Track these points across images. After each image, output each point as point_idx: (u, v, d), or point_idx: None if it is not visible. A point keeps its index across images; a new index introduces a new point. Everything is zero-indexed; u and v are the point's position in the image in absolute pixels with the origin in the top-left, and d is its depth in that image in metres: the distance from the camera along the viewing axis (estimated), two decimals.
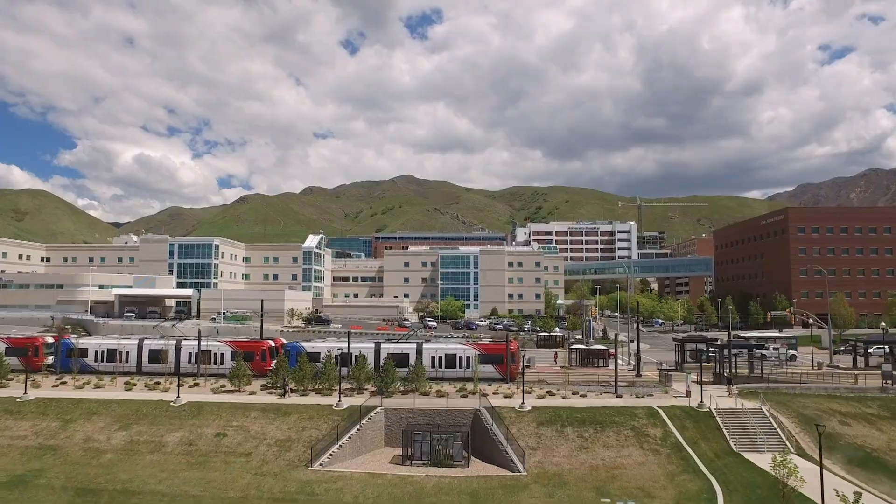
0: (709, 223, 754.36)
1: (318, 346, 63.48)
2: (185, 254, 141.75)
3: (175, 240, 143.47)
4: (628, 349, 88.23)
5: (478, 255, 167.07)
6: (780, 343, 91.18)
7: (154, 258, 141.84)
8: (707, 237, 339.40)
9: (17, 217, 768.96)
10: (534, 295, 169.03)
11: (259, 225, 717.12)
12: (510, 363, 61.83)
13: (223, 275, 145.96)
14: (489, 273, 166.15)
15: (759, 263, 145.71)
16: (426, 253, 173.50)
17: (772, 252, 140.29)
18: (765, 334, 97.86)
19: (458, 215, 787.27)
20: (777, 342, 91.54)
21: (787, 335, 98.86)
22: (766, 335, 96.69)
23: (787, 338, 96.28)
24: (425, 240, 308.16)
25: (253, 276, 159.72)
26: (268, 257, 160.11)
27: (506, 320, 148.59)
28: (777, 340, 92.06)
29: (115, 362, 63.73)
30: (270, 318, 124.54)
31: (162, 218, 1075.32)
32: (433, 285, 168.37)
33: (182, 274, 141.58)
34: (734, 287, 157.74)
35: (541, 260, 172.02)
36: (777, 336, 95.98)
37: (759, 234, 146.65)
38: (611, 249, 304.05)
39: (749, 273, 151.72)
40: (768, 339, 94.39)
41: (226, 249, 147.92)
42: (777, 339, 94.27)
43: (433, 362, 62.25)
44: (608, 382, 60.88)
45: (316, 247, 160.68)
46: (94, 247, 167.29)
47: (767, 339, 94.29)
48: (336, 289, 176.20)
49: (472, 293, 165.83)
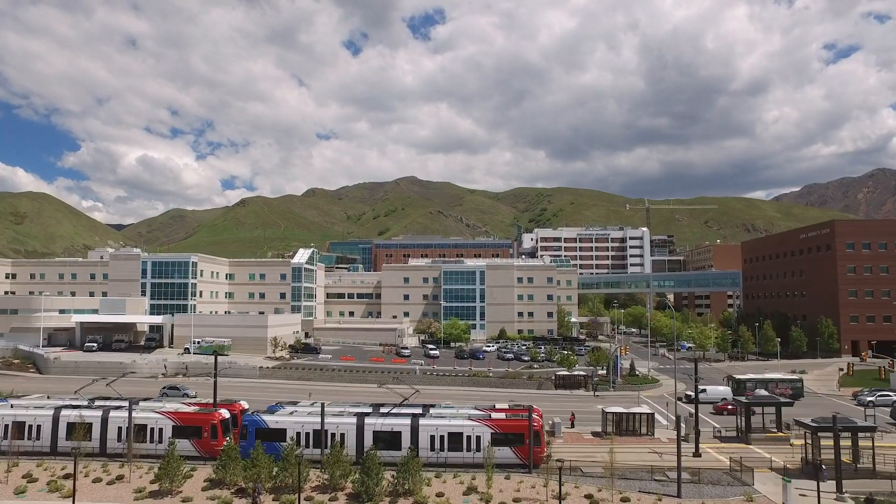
0: (716, 225, 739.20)
1: (283, 420, 49.18)
2: (160, 272, 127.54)
3: (148, 256, 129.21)
4: (667, 401, 73.64)
5: (484, 270, 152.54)
6: (784, 387, 77.29)
7: (125, 277, 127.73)
8: (723, 244, 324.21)
9: (16, 220, 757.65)
10: (546, 313, 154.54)
11: (259, 228, 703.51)
12: (534, 444, 47.34)
13: (202, 295, 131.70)
14: (497, 290, 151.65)
15: (799, 282, 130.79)
16: (428, 268, 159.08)
17: (814, 269, 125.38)
18: (764, 376, 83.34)
19: (462, 218, 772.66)
20: (780, 386, 77.60)
21: (790, 377, 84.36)
22: (765, 377, 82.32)
23: (790, 380, 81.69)
24: (427, 247, 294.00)
25: (237, 295, 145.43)
26: (253, 274, 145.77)
27: (516, 344, 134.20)
28: (780, 385, 78.12)
29: (22, 439, 49.45)
30: (252, 348, 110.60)
31: (164, 220, 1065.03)
32: (435, 303, 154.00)
33: (156, 295, 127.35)
34: (766, 306, 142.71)
35: (553, 275, 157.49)
36: (780, 379, 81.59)
37: (799, 248, 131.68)
38: (622, 257, 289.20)
39: (785, 291, 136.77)
40: (769, 381, 79.91)
41: (205, 267, 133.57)
42: (780, 381, 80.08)
43: (433, 443, 47.86)
44: (660, 468, 46.48)
45: (307, 262, 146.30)
46: (66, 262, 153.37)
47: (768, 381, 79.87)
48: (330, 306, 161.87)
49: (477, 312, 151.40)
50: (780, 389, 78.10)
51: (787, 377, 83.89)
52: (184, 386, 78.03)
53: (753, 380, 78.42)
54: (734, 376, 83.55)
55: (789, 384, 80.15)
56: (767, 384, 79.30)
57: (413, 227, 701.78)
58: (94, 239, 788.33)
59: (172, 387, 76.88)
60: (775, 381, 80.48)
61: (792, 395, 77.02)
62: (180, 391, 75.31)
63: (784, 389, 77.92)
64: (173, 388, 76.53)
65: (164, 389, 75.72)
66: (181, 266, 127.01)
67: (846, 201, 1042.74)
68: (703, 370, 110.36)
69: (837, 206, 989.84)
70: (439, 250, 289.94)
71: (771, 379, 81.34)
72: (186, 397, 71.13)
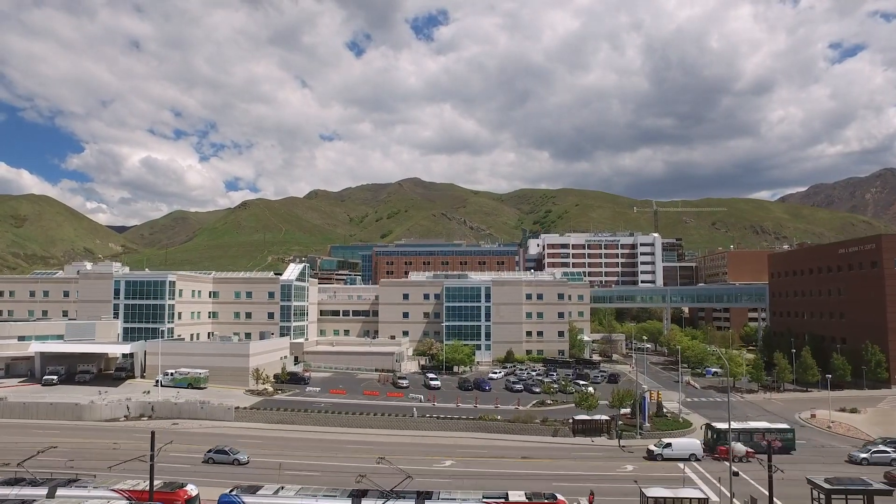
0: (724, 227, 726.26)
1: None
2: (134, 293, 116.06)
3: (121, 276, 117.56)
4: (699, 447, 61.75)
5: (490, 287, 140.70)
6: (772, 437, 65.47)
7: (95, 298, 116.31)
8: (738, 250, 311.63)
9: (16, 223, 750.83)
10: (556, 332, 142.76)
11: (259, 232, 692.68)
12: None
13: (181, 317, 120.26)
14: (503, 308, 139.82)
15: (838, 301, 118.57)
16: (429, 283, 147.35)
17: (857, 288, 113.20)
18: (748, 425, 70.50)
19: (466, 220, 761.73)
20: (767, 436, 65.57)
21: (780, 426, 71.50)
22: (750, 426, 69.75)
23: (779, 430, 69.18)
24: (430, 254, 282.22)
25: (222, 314, 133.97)
26: (239, 292, 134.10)
27: (526, 370, 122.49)
28: (768, 435, 66.16)
29: None
30: (232, 379, 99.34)
31: (166, 222, 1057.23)
32: (437, 321, 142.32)
33: (131, 317, 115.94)
34: (798, 326, 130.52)
35: (564, 290, 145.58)
36: (767, 429, 68.96)
37: (838, 263, 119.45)
38: (632, 264, 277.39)
39: (821, 311, 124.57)
40: (754, 431, 68.04)
41: (185, 286, 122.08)
42: (767, 432, 67.73)
43: None
44: None
45: (297, 278, 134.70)
46: (37, 278, 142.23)
47: (753, 431, 68.01)
48: (324, 324, 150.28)
49: (482, 331, 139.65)
50: (767, 441, 66.74)
51: (775, 426, 70.55)
52: (234, 449, 61.36)
53: (735, 430, 66.70)
54: (712, 425, 70.78)
55: (778, 435, 67.78)
56: (753, 435, 67.41)
57: (416, 230, 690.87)
58: (94, 242, 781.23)
59: (220, 450, 60.65)
60: (762, 431, 67.92)
61: (782, 447, 66.07)
62: (229, 455, 59.99)
63: (772, 441, 66.33)
64: (221, 451, 60.56)
65: (210, 454, 60.44)
66: (157, 286, 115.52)
67: (853, 202, 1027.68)
68: (735, 404, 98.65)
69: (845, 207, 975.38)
70: (442, 257, 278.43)
71: (756, 429, 68.63)
72: (237, 463, 58.91)
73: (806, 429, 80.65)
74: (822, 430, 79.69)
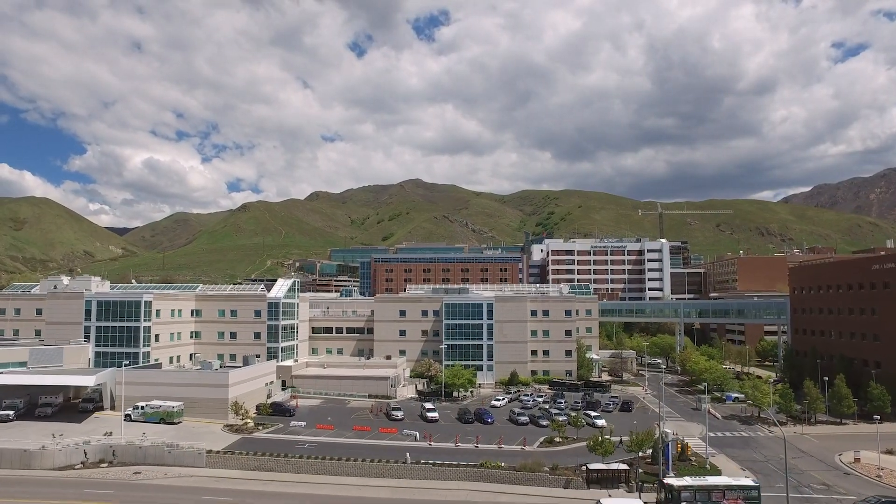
0: (729, 229, 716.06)
1: None
2: (107, 314, 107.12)
3: (93, 295, 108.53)
4: None
5: (492, 303, 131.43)
6: (734, 496, 56.29)
7: (65, 319, 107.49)
8: (748, 256, 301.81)
9: (16, 226, 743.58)
10: (563, 352, 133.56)
11: (259, 235, 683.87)
12: None
13: (159, 339, 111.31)
14: (507, 326, 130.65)
15: (870, 321, 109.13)
16: (427, 299, 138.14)
17: (892, 308, 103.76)
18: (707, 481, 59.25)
19: (468, 223, 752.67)
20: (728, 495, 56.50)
21: (744, 483, 59.85)
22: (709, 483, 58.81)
23: (742, 488, 58.45)
24: (430, 260, 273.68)
25: (205, 335, 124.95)
26: (223, 310, 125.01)
27: (532, 396, 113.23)
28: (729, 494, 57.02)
29: None
30: (209, 412, 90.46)
31: (167, 224, 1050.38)
32: (436, 340, 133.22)
33: (103, 341, 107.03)
34: (823, 346, 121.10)
35: (571, 307, 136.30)
36: (728, 486, 58.37)
37: (870, 280, 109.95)
38: (639, 271, 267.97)
39: (850, 331, 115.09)
40: (713, 489, 57.99)
41: (163, 305, 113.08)
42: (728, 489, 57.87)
43: None
44: None
45: (286, 295, 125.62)
46: (8, 295, 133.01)
47: (712, 489, 57.97)
48: (316, 342, 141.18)
49: (484, 351, 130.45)
50: (728, 501, 57.03)
51: (737, 483, 59.37)
52: None
53: (691, 487, 56.96)
54: (665, 481, 59.94)
55: (741, 493, 57.73)
56: (711, 493, 57.37)
57: (418, 232, 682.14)
58: (95, 245, 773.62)
59: None
60: (721, 488, 57.86)
61: None
62: None
63: (734, 501, 56.79)
64: None
65: None
66: (132, 307, 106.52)
67: (857, 202, 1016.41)
68: (760, 440, 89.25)
69: (849, 208, 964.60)
70: (443, 265, 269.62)
71: (716, 486, 58.11)
72: None
73: (851, 477, 71.05)
74: (870, 480, 69.98)
